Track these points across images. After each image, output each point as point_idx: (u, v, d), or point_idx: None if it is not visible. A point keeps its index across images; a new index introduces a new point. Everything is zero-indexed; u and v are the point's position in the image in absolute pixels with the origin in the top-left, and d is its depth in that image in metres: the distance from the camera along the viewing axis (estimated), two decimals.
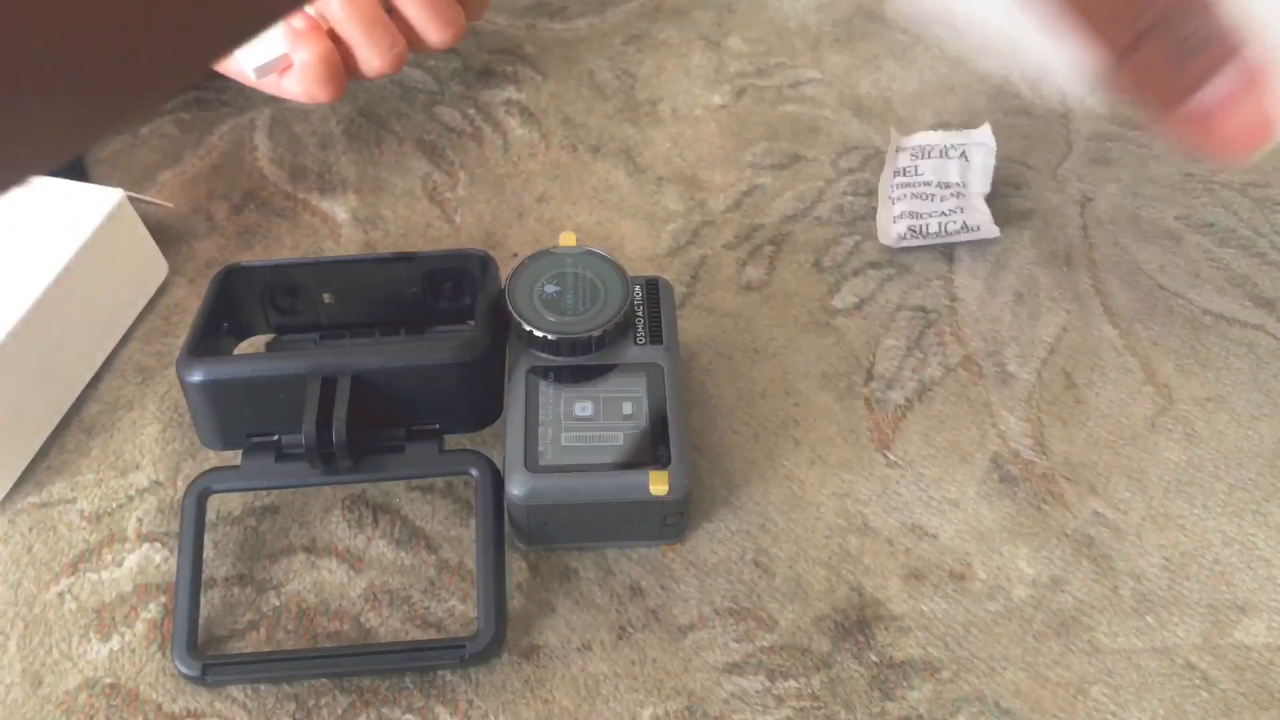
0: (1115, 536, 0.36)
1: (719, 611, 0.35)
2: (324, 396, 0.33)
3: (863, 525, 0.37)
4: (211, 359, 0.34)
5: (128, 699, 0.32)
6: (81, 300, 0.39)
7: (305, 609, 0.35)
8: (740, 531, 0.36)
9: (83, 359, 0.40)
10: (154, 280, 0.43)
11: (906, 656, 0.34)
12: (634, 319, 0.36)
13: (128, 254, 0.42)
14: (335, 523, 0.37)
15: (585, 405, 0.34)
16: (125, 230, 0.41)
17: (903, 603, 0.35)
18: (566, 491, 0.33)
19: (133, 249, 0.42)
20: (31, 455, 0.38)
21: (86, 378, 0.40)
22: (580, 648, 0.34)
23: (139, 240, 0.42)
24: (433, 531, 0.36)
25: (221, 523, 0.37)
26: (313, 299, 0.38)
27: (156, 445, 0.39)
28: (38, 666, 0.33)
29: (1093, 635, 0.34)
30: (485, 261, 0.37)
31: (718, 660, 0.33)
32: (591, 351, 0.35)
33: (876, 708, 0.32)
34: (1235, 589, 0.35)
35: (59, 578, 0.35)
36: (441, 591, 0.35)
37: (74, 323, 0.39)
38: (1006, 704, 0.32)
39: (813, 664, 0.33)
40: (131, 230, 0.42)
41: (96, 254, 0.39)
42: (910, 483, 0.38)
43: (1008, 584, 0.35)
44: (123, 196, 0.41)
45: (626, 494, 0.33)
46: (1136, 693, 0.33)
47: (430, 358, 0.34)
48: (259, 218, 0.46)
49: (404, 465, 0.34)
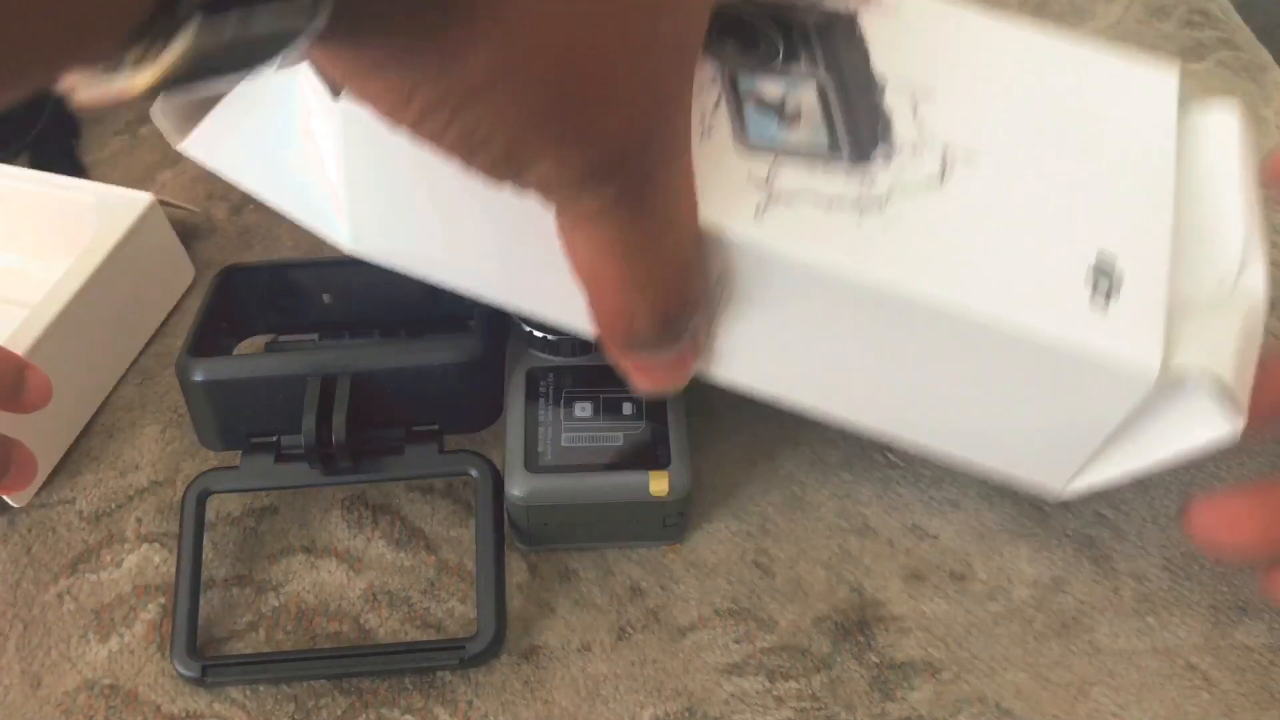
0: (1116, 537, 0.36)
1: (719, 612, 0.34)
2: (324, 397, 0.33)
3: (863, 526, 0.36)
4: (212, 359, 0.34)
5: (127, 700, 0.32)
6: (111, 303, 0.39)
7: (305, 609, 0.34)
8: (740, 532, 0.36)
9: (111, 362, 0.40)
10: (180, 284, 0.43)
11: (907, 657, 0.33)
12: None
13: (156, 258, 0.42)
14: (335, 523, 0.37)
15: (585, 406, 0.34)
16: (155, 234, 0.41)
17: (903, 603, 0.35)
18: (566, 492, 0.33)
19: (161, 253, 0.42)
20: (59, 458, 0.38)
21: (114, 381, 0.40)
22: (580, 648, 0.34)
23: (168, 244, 0.42)
24: (432, 532, 0.36)
25: (221, 523, 0.37)
26: (312, 299, 0.38)
27: (156, 445, 0.39)
28: (37, 667, 0.33)
29: (1093, 636, 0.34)
30: None
31: (718, 661, 0.33)
32: (591, 352, 0.35)
33: (877, 708, 0.32)
34: (1236, 590, 0.35)
35: (58, 578, 0.35)
36: (441, 592, 0.35)
37: (103, 326, 0.39)
38: (1007, 704, 0.32)
39: (813, 664, 0.33)
40: (161, 234, 0.42)
41: (127, 258, 0.39)
42: (910, 483, 0.38)
43: (1008, 584, 0.35)
44: (153, 200, 0.41)
45: (627, 494, 0.33)
46: (1137, 693, 0.33)
47: (430, 358, 0.34)
48: (259, 218, 0.46)
49: (404, 466, 0.34)
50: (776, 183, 0.28)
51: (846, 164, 0.29)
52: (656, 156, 0.24)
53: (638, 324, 0.27)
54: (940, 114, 0.30)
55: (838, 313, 0.29)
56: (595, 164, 0.23)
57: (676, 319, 0.28)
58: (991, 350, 0.28)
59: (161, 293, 0.42)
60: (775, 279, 0.28)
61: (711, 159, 0.28)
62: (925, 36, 0.32)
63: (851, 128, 0.29)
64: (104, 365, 0.40)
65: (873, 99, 0.30)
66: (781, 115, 0.29)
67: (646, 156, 0.24)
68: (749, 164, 0.28)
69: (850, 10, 0.32)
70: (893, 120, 0.30)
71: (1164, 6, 0.57)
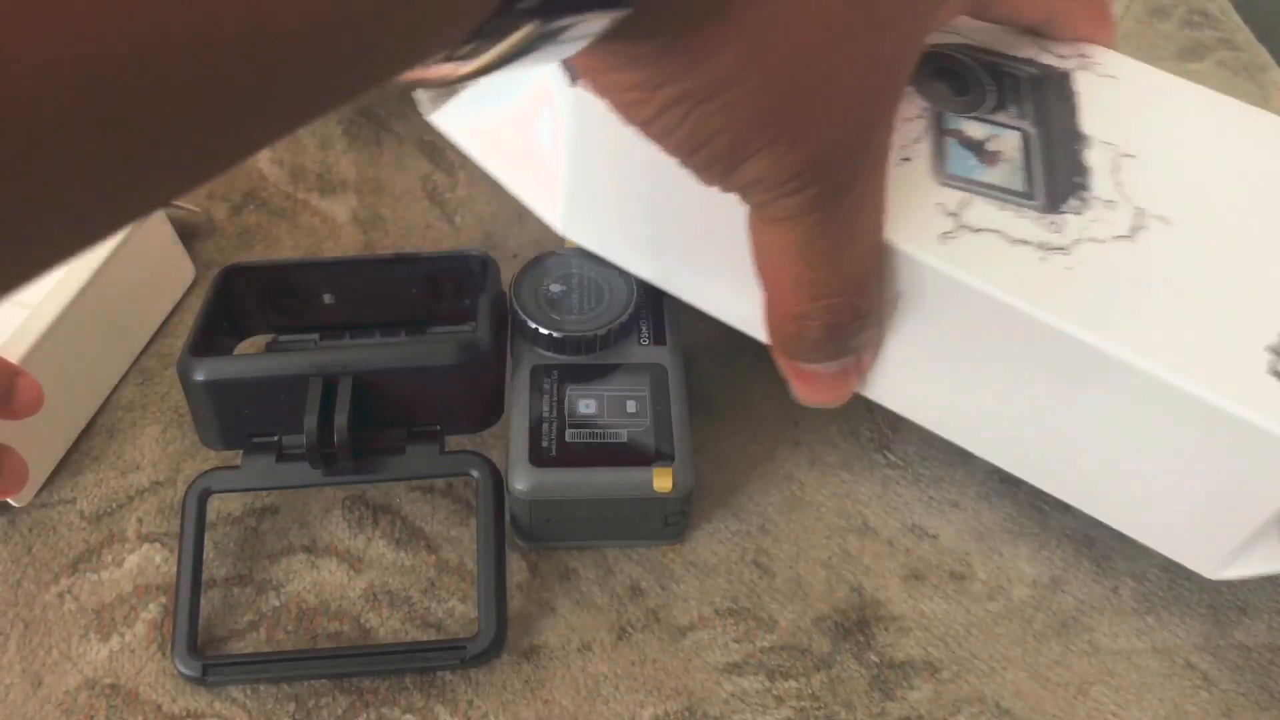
0: (1115, 536, 0.36)
1: (719, 611, 0.35)
2: (325, 397, 0.33)
3: (863, 525, 0.37)
4: (214, 358, 0.34)
5: (128, 699, 0.32)
6: (112, 303, 0.39)
7: (305, 609, 0.35)
8: (740, 531, 0.36)
9: (112, 362, 0.40)
10: (181, 284, 0.43)
11: (907, 657, 0.34)
12: (638, 320, 0.37)
13: (157, 258, 0.42)
14: (335, 523, 0.37)
15: (589, 403, 0.35)
16: (155, 234, 0.41)
17: (903, 603, 0.35)
18: (570, 487, 0.33)
19: (162, 253, 0.42)
20: (60, 457, 0.38)
21: (114, 381, 0.40)
22: (580, 648, 0.34)
23: (168, 244, 0.42)
24: (433, 532, 0.36)
25: (221, 523, 0.37)
26: (313, 299, 0.38)
27: (156, 445, 0.39)
28: (37, 667, 0.33)
29: (1093, 635, 0.34)
30: (485, 263, 0.37)
31: (718, 660, 0.33)
32: (596, 350, 0.35)
33: (877, 708, 0.32)
34: (1235, 589, 0.35)
35: (59, 578, 0.35)
36: (441, 592, 0.35)
37: (104, 326, 0.39)
38: (1007, 704, 0.32)
39: (813, 664, 0.33)
40: (161, 234, 0.42)
41: (127, 258, 0.39)
42: (910, 483, 0.38)
43: (1008, 584, 0.35)
44: None
45: (630, 490, 0.33)
46: (1137, 693, 0.33)
47: (431, 359, 0.34)
48: (259, 218, 0.46)
49: (405, 466, 0.34)
50: (966, 215, 0.29)
51: (1038, 210, 0.30)
52: (857, 167, 0.26)
53: (808, 330, 0.29)
54: (1140, 176, 0.30)
55: (1008, 347, 0.29)
56: (805, 165, 0.24)
57: (846, 330, 0.29)
58: (1159, 407, 0.28)
59: (162, 293, 0.42)
60: (952, 304, 0.29)
61: (907, 184, 0.30)
62: (1136, 101, 0.32)
63: (1049, 177, 0.30)
64: (105, 365, 0.40)
65: (1074, 153, 0.31)
66: (981, 155, 0.30)
67: (849, 165, 0.25)
68: (942, 194, 0.30)
69: (1065, 68, 0.33)
70: (1091, 176, 0.30)
71: (1164, 6, 0.57)
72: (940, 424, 0.33)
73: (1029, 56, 0.33)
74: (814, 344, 0.29)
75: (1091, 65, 0.33)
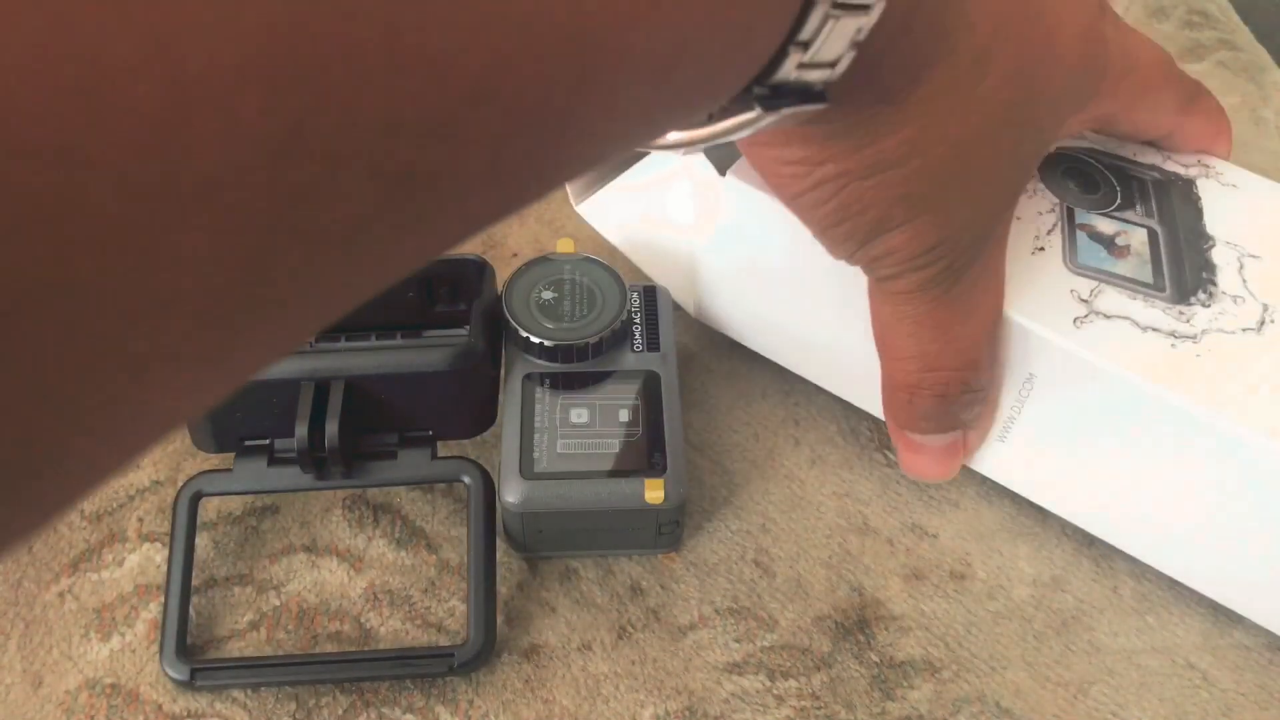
0: None
1: (719, 611, 0.35)
2: (317, 401, 0.33)
3: (863, 525, 0.37)
4: None
5: (128, 699, 0.32)
6: None
7: (305, 609, 0.35)
8: (740, 531, 0.36)
9: None
10: None
11: (907, 656, 0.34)
12: (631, 327, 0.36)
13: None
14: (335, 522, 0.37)
15: (581, 412, 0.34)
16: None
17: (903, 602, 0.35)
18: (561, 499, 0.33)
19: None
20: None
21: None
22: (580, 648, 0.34)
23: None
24: (433, 531, 0.36)
25: (222, 522, 0.37)
26: None
27: (156, 445, 0.39)
28: (38, 666, 0.33)
29: (1093, 635, 0.34)
30: (482, 267, 0.37)
31: (718, 660, 0.33)
32: (588, 358, 0.35)
33: (877, 707, 0.32)
34: None
35: (59, 577, 0.35)
36: (442, 591, 0.35)
37: None
38: (1007, 703, 0.32)
39: (813, 664, 0.33)
40: None
41: None
42: (910, 482, 0.38)
43: (1008, 584, 0.35)
44: None
45: (621, 501, 0.33)
46: (1137, 692, 0.33)
47: (424, 365, 0.34)
48: None
49: (396, 471, 0.34)
50: (1098, 302, 0.30)
51: (1167, 301, 0.31)
52: (979, 249, 0.27)
53: (918, 400, 0.30)
54: (1265, 275, 0.31)
55: (1133, 428, 0.30)
56: (938, 243, 0.26)
57: (956, 403, 0.30)
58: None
59: None
60: (1083, 386, 0.30)
61: (1040, 271, 0.31)
62: (1258, 207, 0.34)
63: (1176, 270, 0.31)
64: None
65: (1201, 250, 0.32)
66: (1111, 249, 0.32)
67: (973, 247, 0.27)
68: (1074, 282, 0.31)
69: (1189, 175, 0.34)
70: (1218, 272, 0.31)
71: (1164, 7, 0.57)
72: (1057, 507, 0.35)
73: (1152, 163, 0.35)
74: (923, 414, 0.31)
75: (1213, 174, 0.35)
